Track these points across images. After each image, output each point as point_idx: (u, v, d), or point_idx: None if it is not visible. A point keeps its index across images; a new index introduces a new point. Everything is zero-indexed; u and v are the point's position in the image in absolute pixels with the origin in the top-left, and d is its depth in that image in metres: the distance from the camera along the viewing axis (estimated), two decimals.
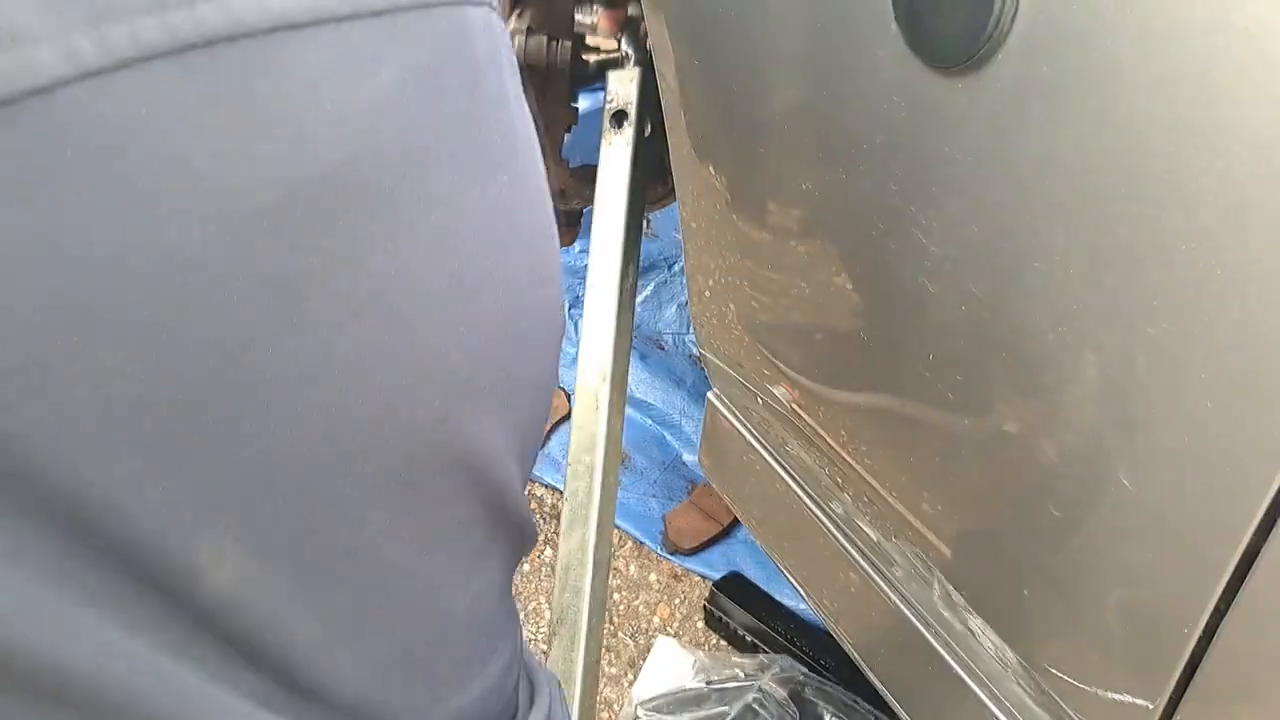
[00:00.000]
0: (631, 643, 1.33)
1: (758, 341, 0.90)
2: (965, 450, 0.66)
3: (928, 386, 0.67)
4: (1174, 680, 0.55)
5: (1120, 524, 0.56)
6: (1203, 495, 0.50)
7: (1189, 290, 0.47)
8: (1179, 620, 0.53)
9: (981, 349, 0.61)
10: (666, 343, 1.76)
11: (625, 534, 1.47)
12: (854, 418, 0.78)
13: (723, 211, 0.85)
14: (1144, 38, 0.46)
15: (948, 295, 0.62)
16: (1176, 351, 0.49)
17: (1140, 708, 0.58)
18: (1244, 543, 0.48)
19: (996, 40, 0.51)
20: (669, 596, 1.39)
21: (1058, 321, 0.55)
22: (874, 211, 0.66)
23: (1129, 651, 0.59)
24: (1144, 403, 0.51)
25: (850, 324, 0.74)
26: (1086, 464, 0.56)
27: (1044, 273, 0.54)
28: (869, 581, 0.87)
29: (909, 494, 0.74)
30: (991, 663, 0.74)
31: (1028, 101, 0.52)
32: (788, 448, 0.95)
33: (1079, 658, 0.63)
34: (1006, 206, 0.55)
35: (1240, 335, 0.46)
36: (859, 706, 1.16)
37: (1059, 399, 0.56)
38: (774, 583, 1.34)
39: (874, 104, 0.62)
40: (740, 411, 1.03)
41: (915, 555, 0.78)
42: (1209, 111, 0.44)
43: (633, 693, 1.18)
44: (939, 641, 0.80)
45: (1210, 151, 0.44)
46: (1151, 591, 0.56)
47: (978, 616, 0.72)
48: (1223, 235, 0.45)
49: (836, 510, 0.90)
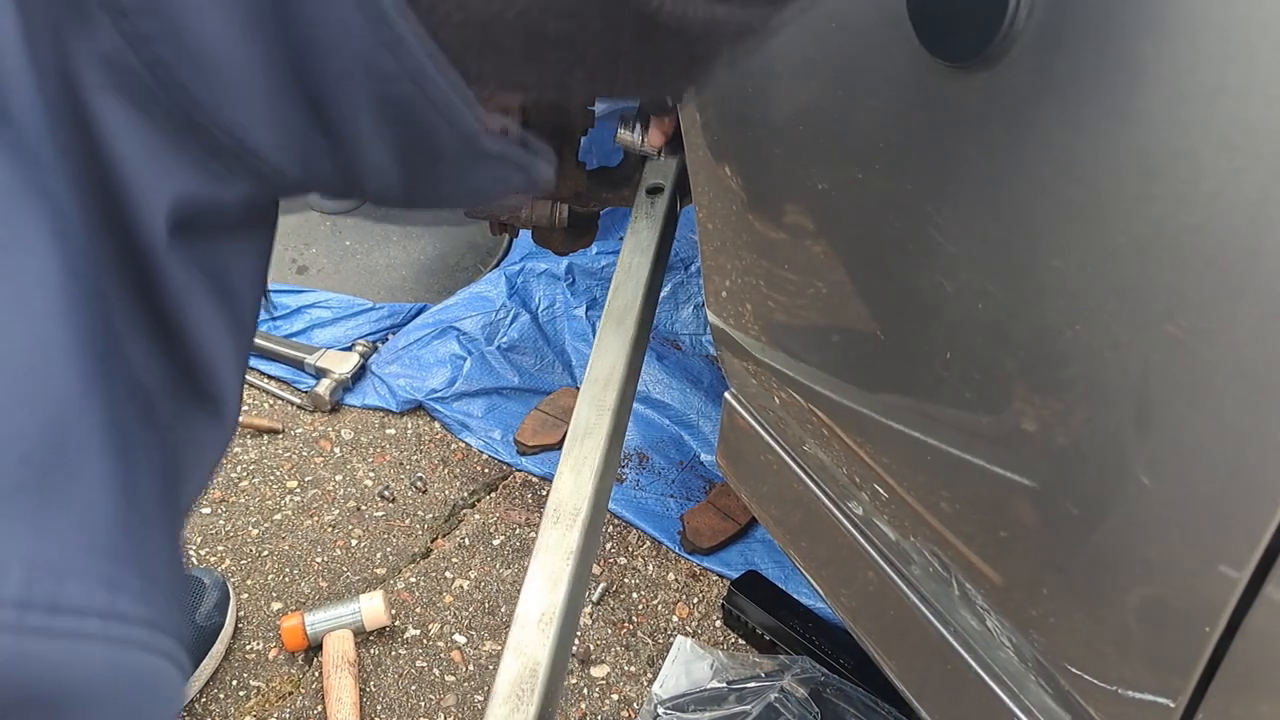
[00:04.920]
0: (650, 641, 1.33)
1: (775, 341, 0.90)
2: (983, 448, 0.66)
3: (945, 385, 0.67)
4: (1195, 679, 0.55)
5: (1140, 522, 0.55)
6: (1222, 492, 0.50)
7: (1207, 287, 0.47)
8: (1200, 618, 0.53)
9: (999, 347, 0.61)
10: (683, 343, 1.76)
11: (643, 533, 1.47)
12: (872, 417, 0.78)
13: (739, 212, 0.86)
14: (1160, 34, 0.46)
15: (965, 294, 0.62)
16: (1195, 349, 0.48)
17: (1161, 706, 0.58)
18: (1265, 540, 0.48)
19: (1011, 37, 0.51)
20: (687, 596, 1.39)
21: (1075, 319, 0.54)
22: (890, 210, 0.66)
23: (1149, 650, 0.58)
24: (1163, 400, 0.51)
25: (867, 323, 0.74)
26: (1105, 462, 0.56)
27: (1061, 271, 0.54)
28: (887, 580, 0.87)
29: (927, 493, 0.74)
30: (1011, 661, 0.74)
31: (1043, 98, 0.52)
32: (805, 447, 0.95)
33: (1099, 656, 0.63)
34: (1023, 204, 0.55)
35: (1259, 332, 0.45)
36: (880, 707, 1.16)
37: (1077, 397, 0.56)
38: (792, 582, 1.34)
39: (888, 102, 0.62)
40: (758, 411, 1.03)
41: (933, 554, 0.77)
42: (1227, 108, 0.44)
43: (652, 691, 1.18)
44: (958, 640, 0.80)
45: (1228, 148, 0.44)
46: (1172, 589, 0.55)
47: (996, 615, 0.72)
48: (1241, 232, 0.45)
49: (854, 509, 0.90)
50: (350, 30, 0.32)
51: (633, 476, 1.55)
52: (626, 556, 1.45)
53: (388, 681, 1.26)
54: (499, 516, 1.51)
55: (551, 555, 0.76)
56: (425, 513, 1.51)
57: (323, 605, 1.31)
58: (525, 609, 0.72)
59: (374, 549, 1.44)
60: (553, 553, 0.76)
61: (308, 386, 1.67)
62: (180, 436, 0.39)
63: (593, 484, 0.81)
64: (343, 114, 0.35)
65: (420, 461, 1.59)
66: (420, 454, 1.61)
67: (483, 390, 1.68)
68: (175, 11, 0.32)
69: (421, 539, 1.47)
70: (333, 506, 1.51)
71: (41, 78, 0.32)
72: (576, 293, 1.82)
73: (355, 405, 1.68)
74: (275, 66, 0.34)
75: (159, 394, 0.37)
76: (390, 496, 1.52)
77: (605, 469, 0.84)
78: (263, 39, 0.33)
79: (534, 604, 0.72)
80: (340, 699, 1.20)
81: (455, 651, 1.31)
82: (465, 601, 1.37)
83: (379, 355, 1.75)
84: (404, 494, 1.54)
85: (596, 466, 0.83)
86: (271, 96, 0.34)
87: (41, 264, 0.31)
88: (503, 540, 1.47)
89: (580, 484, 0.81)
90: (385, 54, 0.33)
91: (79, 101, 0.33)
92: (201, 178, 0.36)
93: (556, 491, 0.81)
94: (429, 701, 1.24)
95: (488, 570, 1.42)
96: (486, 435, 1.62)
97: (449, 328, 1.76)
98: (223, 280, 0.39)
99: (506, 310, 1.79)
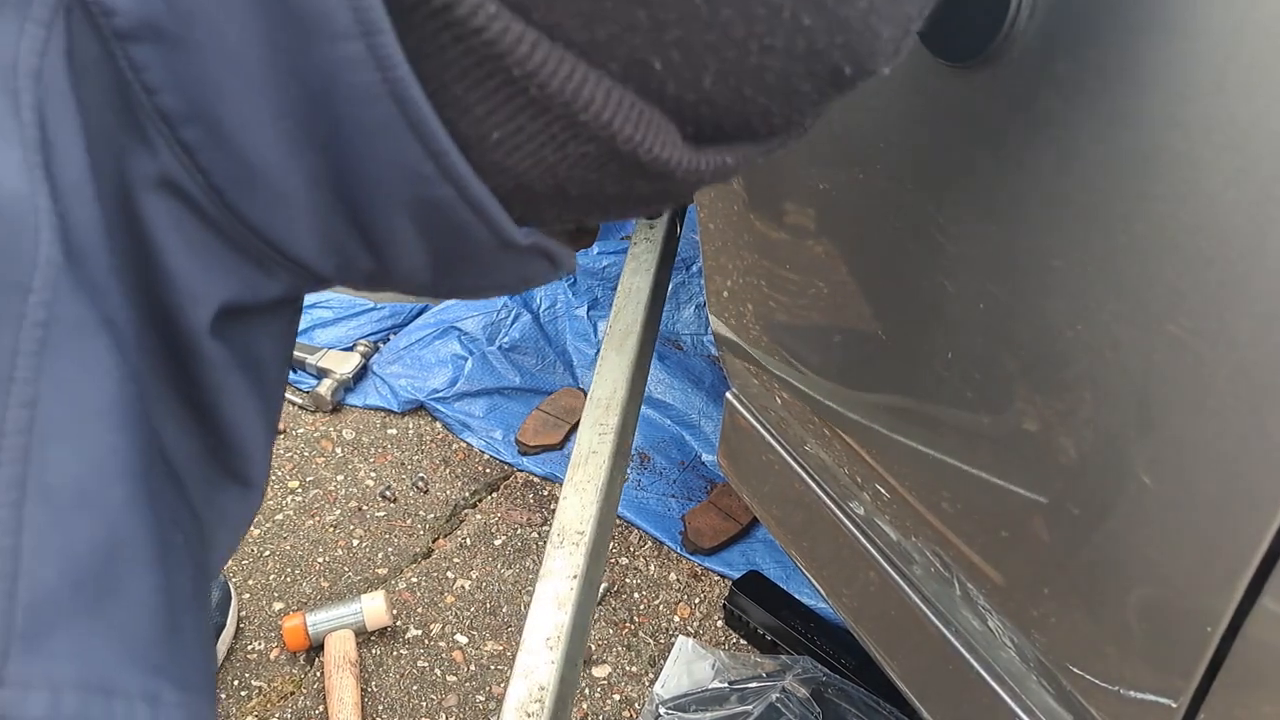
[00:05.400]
0: (652, 641, 1.33)
1: (776, 342, 0.90)
2: (985, 449, 0.66)
3: (947, 385, 0.66)
4: (1197, 679, 0.55)
5: (1141, 522, 0.55)
6: (1224, 492, 0.50)
7: (1209, 287, 0.47)
8: (1202, 618, 0.53)
9: (1000, 348, 0.61)
10: (685, 343, 1.76)
11: (645, 533, 1.47)
12: (873, 417, 0.78)
13: (740, 212, 0.85)
14: (1163, 33, 0.45)
15: (966, 294, 0.62)
16: (1197, 349, 0.48)
17: (1163, 706, 0.58)
18: (1267, 540, 0.48)
19: (1012, 37, 0.51)
20: (689, 596, 1.39)
21: (1076, 319, 0.54)
22: (891, 210, 0.66)
23: (1151, 650, 0.58)
24: (1164, 400, 0.51)
25: (868, 323, 0.74)
26: (1107, 462, 0.56)
27: (1062, 270, 0.54)
28: (889, 580, 0.86)
29: (929, 493, 0.74)
30: (1013, 661, 0.74)
31: (1045, 98, 0.52)
32: (806, 447, 0.95)
33: (1101, 657, 0.63)
34: (1024, 204, 0.55)
35: (1261, 332, 0.45)
36: (881, 708, 1.16)
37: (1078, 397, 0.56)
38: (793, 582, 1.34)
39: (889, 102, 0.62)
40: (759, 411, 1.03)
41: (935, 554, 0.77)
42: (1228, 108, 0.44)
43: (653, 691, 1.18)
44: (959, 640, 0.80)
45: (1230, 149, 0.44)
46: (1173, 590, 0.55)
47: (998, 615, 0.72)
48: (1242, 231, 0.45)
49: (856, 509, 0.90)
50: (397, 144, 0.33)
51: (634, 476, 1.55)
52: (628, 556, 1.45)
53: (389, 682, 1.26)
54: (500, 516, 1.51)
55: (556, 579, 0.77)
56: (427, 513, 1.51)
57: (324, 605, 1.31)
58: (531, 631, 0.73)
59: (375, 549, 1.44)
60: (558, 576, 0.77)
61: (309, 386, 1.67)
62: (211, 516, 0.40)
63: (597, 506, 0.82)
64: (383, 222, 0.36)
65: (422, 461, 1.60)
66: (422, 454, 1.61)
67: (484, 390, 1.68)
68: (225, 128, 0.33)
69: (423, 539, 1.47)
70: (334, 506, 1.51)
71: (103, 201, 0.33)
72: (578, 293, 1.82)
73: (357, 405, 1.68)
74: (320, 181, 0.35)
75: (193, 481, 0.38)
76: (392, 496, 1.53)
77: (609, 490, 0.85)
78: (309, 154, 0.34)
79: (540, 626, 0.73)
80: (342, 699, 1.20)
81: (457, 652, 1.31)
82: (467, 602, 1.37)
83: (380, 355, 1.75)
84: (405, 494, 1.54)
85: (600, 488, 0.84)
86: (314, 209, 0.35)
87: (101, 394, 0.33)
88: (504, 540, 1.47)
89: (584, 506, 0.82)
90: (429, 163, 0.34)
91: (136, 217, 0.35)
92: (245, 281, 0.37)
93: (561, 514, 0.82)
94: (430, 702, 1.24)
95: (489, 570, 1.42)
96: (488, 435, 1.62)
97: (450, 328, 1.76)
98: (254, 363, 0.41)
99: (508, 310, 1.79)
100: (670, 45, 0.33)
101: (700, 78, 0.34)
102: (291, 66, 0.32)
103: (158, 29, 0.32)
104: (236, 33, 0.31)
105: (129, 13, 0.31)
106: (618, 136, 0.34)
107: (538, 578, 0.77)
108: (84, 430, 0.32)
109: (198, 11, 0.31)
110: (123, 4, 0.31)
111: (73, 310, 0.32)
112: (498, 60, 0.32)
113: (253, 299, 0.38)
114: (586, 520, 0.81)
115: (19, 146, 0.31)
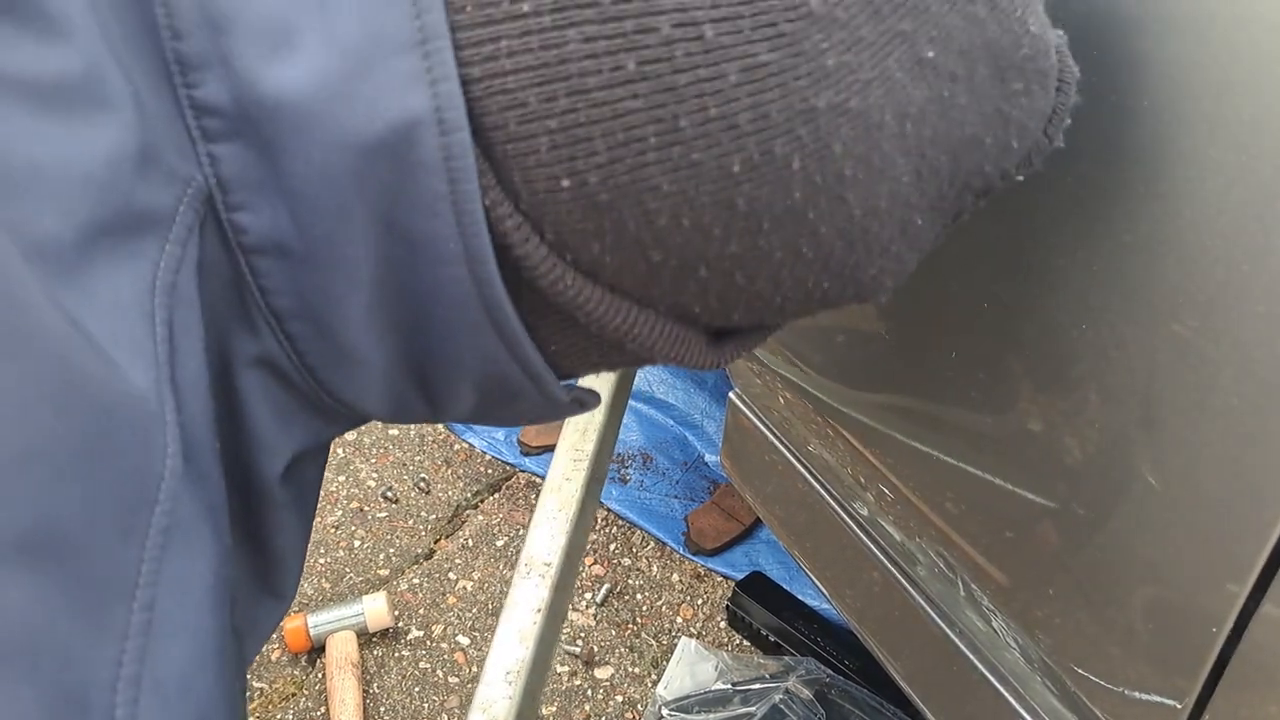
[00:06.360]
0: (655, 643, 1.33)
1: (779, 341, 0.90)
2: (989, 449, 0.66)
3: (951, 386, 0.66)
4: (1202, 680, 0.55)
5: (1146, 522, 0.55)
6: (1229, 492, 0.49)
7: (1214, 286, 0.47)
8: (1206, 619, 0.53)
9: (1004, 348, 0.61)
10: None
11: (647, 534, 1.47)
12: (877, 417, 0.78)
13: None
14: (1166, 30, 0.45)
15: (970, 294, 0.61)
16: (1201, 348, 0.48)
17: (1168, 707, 0.58)
18: (1272, 540, 0.48)
19: None
20: (691, 597, 1.39)
21: (1080, 319, 0.54)
22: None
23: (1156, 651, 0.58)
24: (1169, 400, 0.51)
25: (872, 323, 0.74)
26: (1111, 462, 0.56)
27: (1067, 270, 0.54)
28: (892, 581, 0.86)
29: (933, 493, 0.74)
30: (1017, 662, 0.73)
31: None
32: (810, 447, 0.94)
33: (1105, 657, 0.62)
34: (1027, 203, 0.55)
35: (1266, 331, 0.45)
36: (884, 709, 1.16)
37: (1083, 397, 0.56)
38: (796, 582, 1.34)
39: None
40: (762, 411, 1.03)
41: (939, 554, 0.77)
42: (1233, 105, 0.44)
43: (656, 693, 1.18)
44: (963, 641, 0.79)
45: (1235, 147, 0.44)
46: (1178, 590, 0.55)
47: (1002, 616, 0.72)
48: (1247, 230, 0.45)
49: (859, 510, 0.90)
50: (479, 337, 0.37)
51: (636, 477, 1.55)
52: (630, 558, 1.45)
53: (391, 683, 1.26)
54: (503, 517, 1.51)
55: (520, 610, 0.76)
56: (428, 513, 1.51)
57: (326, 606, 1.31)
58: (492, 665, 0.72)
59: (377, 550, 1.44)
60: (521, 608, 0.76)
61: None
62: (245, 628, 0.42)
63: (566, 536, 0.80)
64: (448, 388, 0.41)
65: (423, 462, 1.59)
66: (423, 454, 1.61)
67: None
68: (329, 324, 0.37)
69: (425, 540, 1.47)
70: (335, 507, 1.51)
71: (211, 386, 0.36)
72: None
73: None
74: (400, 362, 0.39)
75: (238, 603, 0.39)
76: (393, 497, 1.52)
77: (580, 520, 0.82)
78: (392, 337, 0.38)
79: (501, 660, 0.72)
80: (343, 700, 1.20)
81: (459, 653, 1.31)
82: (469, 602, 1.37)
83: None
84: (407, 495, 1.54)
85: (571, 517, 0.82)
86: (389, 380, 0.40)
87: (203, 581, 0.35)
88: (506, 541, 1.47)
89: (553, 536, 0.80)
90: (503, 349, 0.38)
91: (232, 389, 0.38)
92: (313, 432, 0.42)
93: (529, 544, 0.80)
94: (432, 703, 1.24)
95: (491, 571, 1.42)
96: (489, 435, 1.62)
97: None
98: (302, 491, 0.44)
99: None
100: (711, 297, 0.39)
101: (731, 314, 0.41)
102: (399, 280, 0.36)
103: (284, 248, 0.35)
104: (356, 254, 0.35)
105: (259, 232, 0.35)
106: (656, 355, 0.41)
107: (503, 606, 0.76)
108: (188, 621, 0.34)
109: (323, 237, 0.35)
110: (255, 224, 0.35)
111: (188, 510, 0.34)
112: (564, 309, 0.38)
113: (315, 443, 0.43)
114: (554, 551, 0.79)
115: (153, 367, 0.33)
